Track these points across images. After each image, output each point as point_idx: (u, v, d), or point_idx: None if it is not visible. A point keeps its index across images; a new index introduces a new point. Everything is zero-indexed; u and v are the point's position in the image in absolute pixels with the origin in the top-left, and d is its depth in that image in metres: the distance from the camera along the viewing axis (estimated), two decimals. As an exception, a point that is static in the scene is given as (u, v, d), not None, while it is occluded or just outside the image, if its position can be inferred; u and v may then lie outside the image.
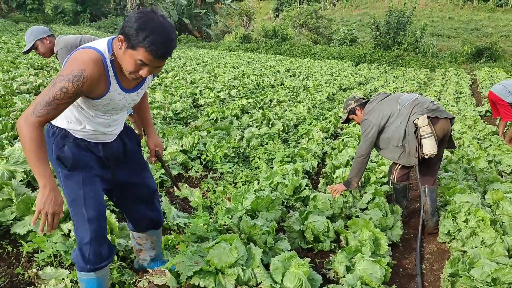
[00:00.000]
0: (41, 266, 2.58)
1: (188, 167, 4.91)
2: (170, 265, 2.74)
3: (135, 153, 2.29)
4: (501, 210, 4.05)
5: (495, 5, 42.40)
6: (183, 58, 19.83)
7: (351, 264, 3.10)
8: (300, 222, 3.60)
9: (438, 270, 3.41)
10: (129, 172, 2.25)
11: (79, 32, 28.13)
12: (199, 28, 40.32)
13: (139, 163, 2.33)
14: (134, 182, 2.29)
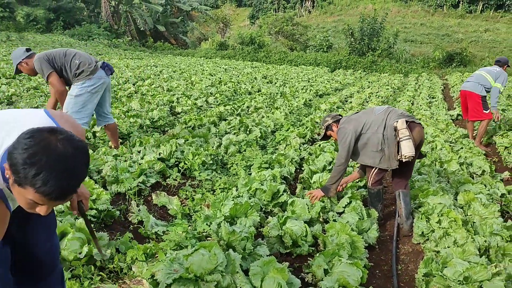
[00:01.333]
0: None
1: (166, 175, 4.90)
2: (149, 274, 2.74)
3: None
4: (472, 210, 4.19)
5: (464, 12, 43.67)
6: (159, 65, 19.73)
7: (329, 267, 3.15)
8: (278, 227, 3.64)
9: (413, 271, 3.51)
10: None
11: (51, 40, 27.71)
12: (175, 36, 40.22)
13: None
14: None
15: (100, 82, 4.81)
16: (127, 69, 16.27)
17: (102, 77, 4.84)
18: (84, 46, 28.12)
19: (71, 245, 2.81)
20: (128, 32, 38.21)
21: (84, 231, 3.01)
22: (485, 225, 3.76)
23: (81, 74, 4.68)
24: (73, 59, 4.68)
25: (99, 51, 26.52)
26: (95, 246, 2.23)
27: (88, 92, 4.70)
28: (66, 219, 3.04)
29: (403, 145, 3.82)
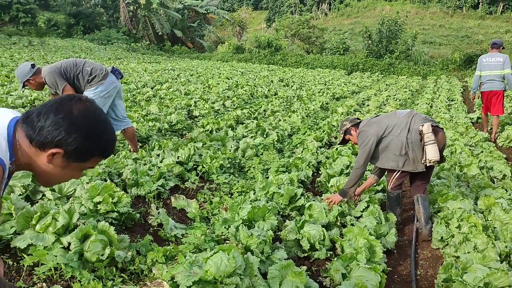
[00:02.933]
0: (41, 280, 2.61)
1: (185, 178, 4.96)
2: (169, 276, 2.79)
3: None
4: (493, 215, 4.13)
5: (484, 13, 43.07)
6: (177, 69, 19.93)
7: (347, 272, 3.16)
8: (296, 231, 3.66)
9: (432, 276, 3.48)
10: None
11: (72, 44, 28.26)
12: (192, 39, 40.58)
13: None
14: None
15: (112, 86, 4.93)
16: (145, 73, 16.48)
17: (114, 82, 4.97)
18: (104, 50, 28.59)
19: (93, 247, 2.87)
20: (146, 36, 38.72)
21: (106, 233, 3.07)
22: (506, 231, 3.71)
23: (94, 80, 4.80)
24: (84, 67, 4.81)
25: (118, 55, 26.94)
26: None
27: (101, 97, 4.81)
28: (89, 221, 3.11)
29: (429, 149, 3.80)
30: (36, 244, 2.80)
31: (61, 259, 2.73)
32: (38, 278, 2.63)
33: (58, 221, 2.95)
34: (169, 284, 2.75)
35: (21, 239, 2.85)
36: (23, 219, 2.95)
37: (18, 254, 2.81)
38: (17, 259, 2.77)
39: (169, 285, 2.73)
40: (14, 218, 2.98)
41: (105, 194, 3.54)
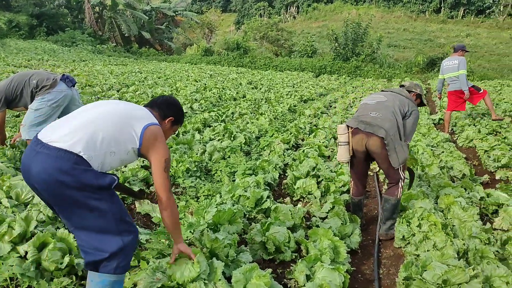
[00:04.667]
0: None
1: (150, 183, 4.89)
2: (130, 284, 2.74)
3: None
4: (452, 214, 4.27)
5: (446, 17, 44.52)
6: (144, 72, 19.65)
7: (311, 273, 3.19)
8: (261, 234, 3.67)
9: (394, 274, 3.56)
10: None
11: (34, 46, 27.40)
12: (160, 41, 40.10)
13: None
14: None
15: (62, 95, 4.79)
16: (111, 76, 16.17)
17: (63, 90, 4.83)
18: (68, 52, 27.86)
19: (52, 255, 2.79)
20: (113, 38, 37.98)
21: (65, 241, 2.99)
22: (464, 228, 3.84)
23: (41, 90, 4.69)
24: (30, 80, 4.70)
25: (83, 57, 26.31)
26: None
27: (48, 106, 4.68)
28: (47, 229, 3.02)
29: (338, 150, 4.11)
30: (-9, 254, 2.70)
31: (17, 269, 2.63)
32: (-7, 289, 2.53)
33: (14, 229, 2.85)
34: (131, 291, 2.70)
35: (-26, 249, 2.74)
36: (-23, 228, 2.83)
37: (-29, 265, 2.69)
38: (-30, 270, 2.66)
39: (131, 292, 2.68)
40: (-33, 227, 2.86)
41: (65, 201, 3.44)
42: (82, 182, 2.09)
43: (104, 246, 2.20)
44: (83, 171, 2.10)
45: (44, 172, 2.07)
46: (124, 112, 2.35)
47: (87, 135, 2.15)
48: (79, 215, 2.17)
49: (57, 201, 2.15)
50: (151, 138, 2.34)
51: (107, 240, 2.21)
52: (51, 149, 2.09)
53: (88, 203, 2.14)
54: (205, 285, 2.74)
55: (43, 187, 2.11)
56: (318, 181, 5.42)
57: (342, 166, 6.05)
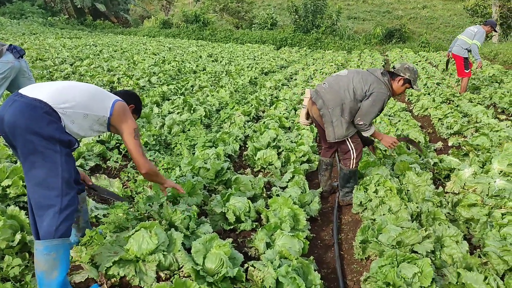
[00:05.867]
0: None
1: (106, 158, 4.76)
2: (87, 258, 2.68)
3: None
4: (407, 179, 4.40)
5: (403, -11, 45.08)
6: (99, 45, 18.92)
7: (271, 241, 3.22)
8: (221, 205, 3.66)
9: (352, 239, 3.65)
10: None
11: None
12: (116, 13, 38.55)
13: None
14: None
15: (8, 67, 4.54)
16: (64, 49, 15.47)
17: (10, 61, 4.57)
18: (17, 25, 26.34)
19: (2, 233, 2.68)
20: (65, 10, 36.20)
21: (17, 218, 2.87)
22: (418, 192, 3.97)
23: None
24: None
25: (33, 30, 24.97)
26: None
27: None
28: (-5, 207, 2.89)
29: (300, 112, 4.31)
30: None
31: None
32: None
33: (-41, 208, 2.70)
34: (88, 265, 2.64)
35: None
36: None
37: None
38: None
39: (88, 266, 2.62)
40: None
41: (14, 177, 3.30)
42: (47, 131, 2.22)
43: (46, 202, 2.23)
44: (51, 121, 2.25)
45: (15, 115, 2.19)
46: (96, 88, 2.60)
47: (64, 95, 2.36)
48: (34, 163, 2.23)
49: (21, 146, 2.23)
50: (120, 111, 2.57)
51: (50, 197, 2.23)
52: (28, 98, 2.25)
53: (45, 152, 2.23)
54: (164, 256, 2.72)
55: (11, 131, 2.21)
56: (278, 152, 5.44)
57: (302, 137, 6.10)
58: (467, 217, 3.67)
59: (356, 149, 4.03)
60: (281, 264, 2.78)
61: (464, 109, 7.62)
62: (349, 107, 3.85)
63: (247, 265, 2.79)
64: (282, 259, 2.91)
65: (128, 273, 2.57)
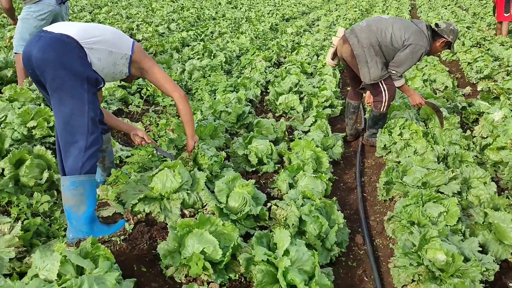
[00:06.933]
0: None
1: (128, 102, 4.76)
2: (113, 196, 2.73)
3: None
4: (433, 123, 4.29)
5: None
6: (117, -7, 18.55)
7: (294, 182, 3.22)
8: (244, 147, 3.65)
9: (375, 181, 3.63)
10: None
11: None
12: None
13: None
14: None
15: (48, 9, 4.43)
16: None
17: (51, 4, 4.46)
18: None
19: (30, 171, 2.73)
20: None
21: (43, 157, 2.92)
22: (445, 136, 3.87)
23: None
24: None
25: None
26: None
27: (34, 18, 4.35)
28: (23, 146, 2.92)
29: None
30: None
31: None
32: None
33: (-13, 147, 2.75)
34: (114, 202, 2.69)
35: None
36: None
37: None
38: None
39: (114, 203, 2.68)
40: None
41: (39, 119, 3.33)
42: (75, 67, 2.22)
43: (72, 139, 2.24)
44: (79, 57, 2.24)
45: (44, 49, 2.17)
46: (116, 29, 2.59)
47: (90, 32, 2.34)
48: (62, 100, 2.23)
49: (49, 80, 2.21)
50: (140, 49, 2.60)
51: (76, 134, 2.24)
52: (56, 34, 2.24)
53: (72, 89, 2.22)
54: (188, 195, 2.74)
55: (40, 65, 2.18)
56: (300, 97, 5.35)
57: (324, 82, 5.97)
58: (496, 160, 3.58)
59: (389, 91, 3.85)
60: (304, 204, 2.78)
61: (495, 53, 7.30)
62: (384, 51, 3.70)
63: (270, 204, 2.80)
64: (305, 199, 2.91)
65: (153, 210, 2.61)
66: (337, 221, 2.77)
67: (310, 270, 2.20)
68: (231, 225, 2.38)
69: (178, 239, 2.29)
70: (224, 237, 2.36)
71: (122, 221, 2.49)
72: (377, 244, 2.79)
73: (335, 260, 2.61)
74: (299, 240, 2.38)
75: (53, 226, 2.50)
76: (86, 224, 2.29)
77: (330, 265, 2.55)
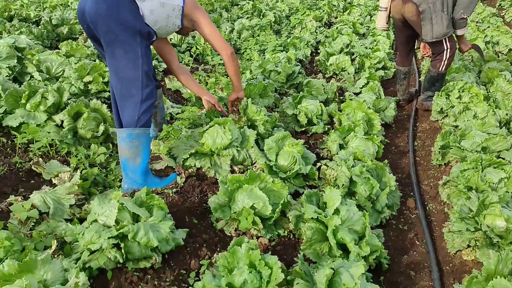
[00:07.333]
0: (37, 156, 2.60)
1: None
2: (165, 151, 2.78)
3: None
4: (495, 87, 4.03)
5: None
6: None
7: (344, 143, 3.15)
8: (293, 107, 3.59)
9: (429, 146, 3.49)
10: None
11: None
12: None
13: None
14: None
15: None
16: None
17: None
18: None
19: (87, 124, 2.83)
20: None
21: (99, 111, 3.01)
22: (508, 100, 3.64)
23: None
24: None
25: None
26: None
27: None
28: (80, 99, 3.02)
29: (377, 16, 3.91)
30: (28, 122, 2.75)
31: (55, 136, 2.70)
32: (34, 155, 2.61)
33: (48, 99, 2.86)
34: (166, 157, 2.75)
35: (12, 118, 2.79)
36: (12, 99, 2.86)
37: (11, 132, 2.76)
38: (10, 137, 2.74)
39: (166, 157, 2.73)
40: (2, 98, 2.88)
41: (94, 74, 3.41)
42: (128, 20, 2.22)
43: (128, 93, 2.27)
44: (131, 10, 2.24)
45: (97, 3, 2.17)
46: None
47: None
48: (116, 54, 2.24)
49: (103, 34, 2.23)
50: (192, 1, 2.56)
51: (131, 88, 2.27)
52: None
53: (126, 43, 2.24)
54: (238, 151, 2.75)
55: (93, 20, 2.19)
56: (352, 58, 5.18)
57: (378, 43, 5.73)
58: None
59: (451, 50, 3.62)
60: (354, 165, 2.72)
61: None
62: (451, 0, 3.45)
63: (320, 164, 2.76)
64: (355, 160, 2.84)
65: (204, 165, 2.64)
66: (388, 184, 2.70)
67: (360, 230, 2.17)
68: (280, 183, 2.37)
69: (228, 194, 2.32)
70: (273, 194, 2.36)
71: (174, 174, 2.54)
72: (430, 209, 2.71)
73: (385, 222, 2.57)
74: (349, 200, 2.35)
75: (109, 176, 2.59)
76: (141, 175, 2.36)
77: (380, 227, 2.50)
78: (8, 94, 2.83)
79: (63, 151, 2.69)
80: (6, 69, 3.36)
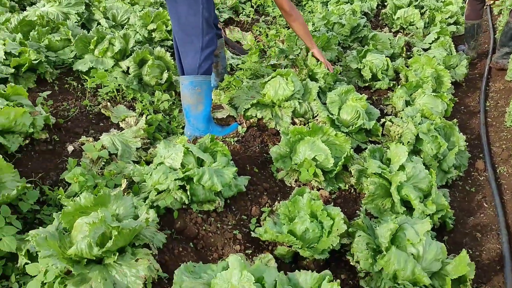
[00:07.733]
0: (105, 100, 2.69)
1: (239, 11, 4.71)
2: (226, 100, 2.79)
3: None
4: None
5: None
6: None
7: (411, 99, 3.01)
8: (357, 61, 3.45)
9: (503, 107, 3.27)
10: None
11: None
12: None
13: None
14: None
15: None
16: None
17: None
18: None
19: (151, 71, 2.87)
20: None
21: (163, 59, 3.04)
22: None
23: None
24: None
25: None
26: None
27: None
28: (144, 47, 3.06)
29: None
30: (97, 67, 2.84)
31: (122, 81, 2.77)
32: (102, 99, 2.71)
33: (115, 46, 2.92)
34: (228, 106, 2.76)
35: (82, 62, 2.89)
36: (81, 44, 2.95)
37: (81, 76, 2.87)
38: (80, 81, 2.84)
39: (228, 107, 2.74)
40: (72, 43, 2.98)
41: (158, 22, 3.43)
42: None
43: (189, 39, 2.26)
44: None
45: None
46: None
47: None
48: (177, 0, 2.22)
49: None
50: None
51: (192, 35, 2.25)
52: None
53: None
54: (299, 104, 2.71)
55: None
56: (421, 12, 4.85)
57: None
58: None
59: None
60: (421, 122, 2.61)
61: None
62: None
63: (384, 120, 2.67)
64: (422, 117, 2.72)
65: (265, 116, 2.63)
66: (457, 143, 2.57)
67: (426, 188, 2.10)
68: (343, 136, 2.32)
69: (290, 145, 2.31)
70: (335, 147, 2.32)
71: (235, 124, 2.55)
72: (501, 172, 2.56)
73: (451, 183, 2.47)
74: (415, 157, 2.26)
75: (172, 123, 2.65)
76: (203, 122, 2.39)
77: (446, 187, 2.41)
78: (78, 39, 2.91)
79: (129, 97, 2.77)
80: (75, 15, 3.45)
